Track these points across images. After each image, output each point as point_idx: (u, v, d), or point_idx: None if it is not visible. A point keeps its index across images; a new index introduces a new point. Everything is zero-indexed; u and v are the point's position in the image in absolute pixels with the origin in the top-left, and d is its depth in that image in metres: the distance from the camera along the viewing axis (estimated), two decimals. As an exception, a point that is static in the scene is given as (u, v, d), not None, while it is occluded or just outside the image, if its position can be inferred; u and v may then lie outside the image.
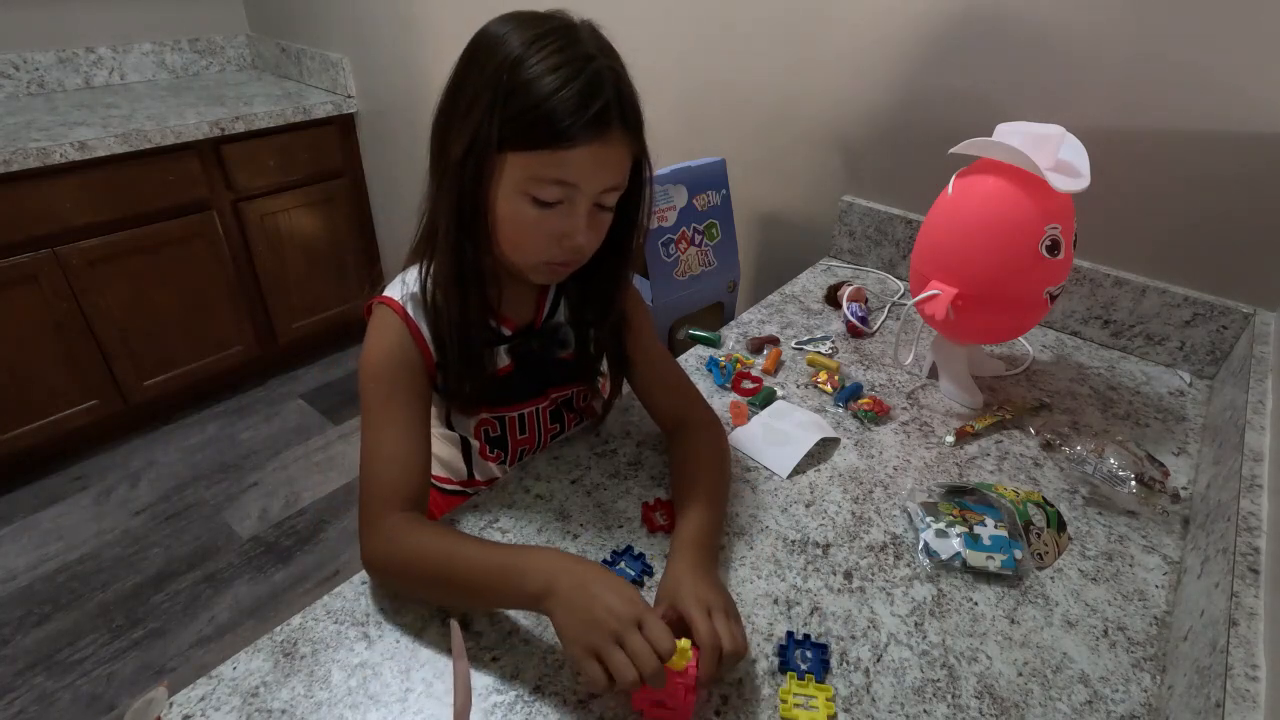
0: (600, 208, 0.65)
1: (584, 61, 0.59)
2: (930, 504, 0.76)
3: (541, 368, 0.79)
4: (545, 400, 0.82)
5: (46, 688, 1.47)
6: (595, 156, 0.60)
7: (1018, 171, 0.81)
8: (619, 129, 0.61)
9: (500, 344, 0.75)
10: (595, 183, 0.62)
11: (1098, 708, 0.58)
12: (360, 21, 2.06)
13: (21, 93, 2.10)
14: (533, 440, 0.84)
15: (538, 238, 0.65)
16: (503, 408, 0.80)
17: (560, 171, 0.61)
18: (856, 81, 1.21)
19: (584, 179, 0.62)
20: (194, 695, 0.56)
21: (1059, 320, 1.13)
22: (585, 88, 0.58)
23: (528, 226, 0.64)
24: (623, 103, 0.61)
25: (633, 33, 1.47)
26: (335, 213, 2.35)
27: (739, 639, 0.56)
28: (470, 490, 0.88)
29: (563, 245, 0.65)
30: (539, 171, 0.61)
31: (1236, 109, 0.90)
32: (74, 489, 1.97)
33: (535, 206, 0.62)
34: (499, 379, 0.76)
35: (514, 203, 0.63)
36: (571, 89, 0.58)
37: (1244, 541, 0.61)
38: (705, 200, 1.23)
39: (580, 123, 0.58)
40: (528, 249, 0.66)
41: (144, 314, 2.02)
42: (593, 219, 0.65)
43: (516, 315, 0.76)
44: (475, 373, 0.72)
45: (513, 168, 0.61)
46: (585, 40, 0.61)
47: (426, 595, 0.64)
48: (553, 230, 0.64)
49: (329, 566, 1.76)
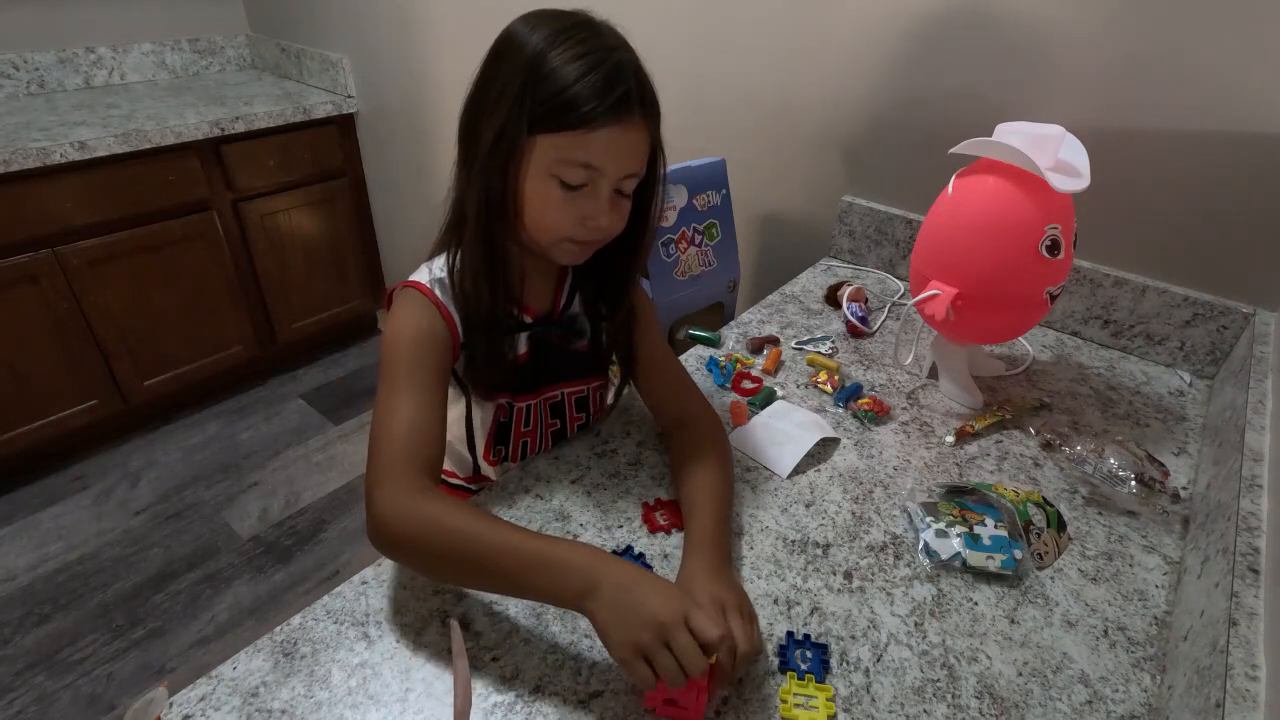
0: (620, 194, 0.68)
1: (606, 52, 0.63)
2: (930, 504, 0.76)
3: (557, 357, 0.81)
4: (554, 393, 0.83)
5: (46, 688, 1.47)
6: (617, 140, 0.64)
7: (1018, 171, 0.81)
8: (639, 115, 0.64)
9: (522, 330, 0.77)
10: (617, 166, 0.65)
11: (1098, 708, 0.58)
12: (360, 21, 2.06)
13: (21, 93, 2.10)
14: (535, 432, 0.84)
15: (564, 218, 0.67)
16: (519, 396, 0.81)
17: (585, 154, 0.63)
18: (856, 81, 1.21)
19: (606, 162, 0.64)
20: (194, 695, 0.56)
21: (1059, 320, 1.13)
22: (609, 74, 0.62)
23: (554, 207, 0.66)
24: (643, 91, 0.65)
25: (633, 33, 1.48)
26: (335, 213, 2.35)
27: (754, 639, 0.57)
28: (474, 488, 0.88)
29: (587, 226, 0.67)
30: (565, 154, 0.64)
31: (1236, 108, 0.90)
32: (74, 489, 1.97)
33: (562, 188, 0.65)
34: (517, 366, 0.78)
35: (542, 184, 0.66)
36: (596, 75, 0.61)
37: (1244, 541, 0.61)
38: (705, 200, 1.23)
39: (603, 106, 0.61)
40: (554, 228, 0.68)
41: (144, 314, 2.01)
42: (614, 203, 0.68)
43: (537, 304, 0.79)
44: (498, 357, 0.74)
45: (541, 151, 0.64)
46: (606, 34, 0.65)
47: (440, 570, 0.61)
48: (578, 211, 0.67)
49: (329, 566, 1.76)
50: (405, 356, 0.67)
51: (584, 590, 0.54)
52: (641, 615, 0.51)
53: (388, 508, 0.59)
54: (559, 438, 0.87)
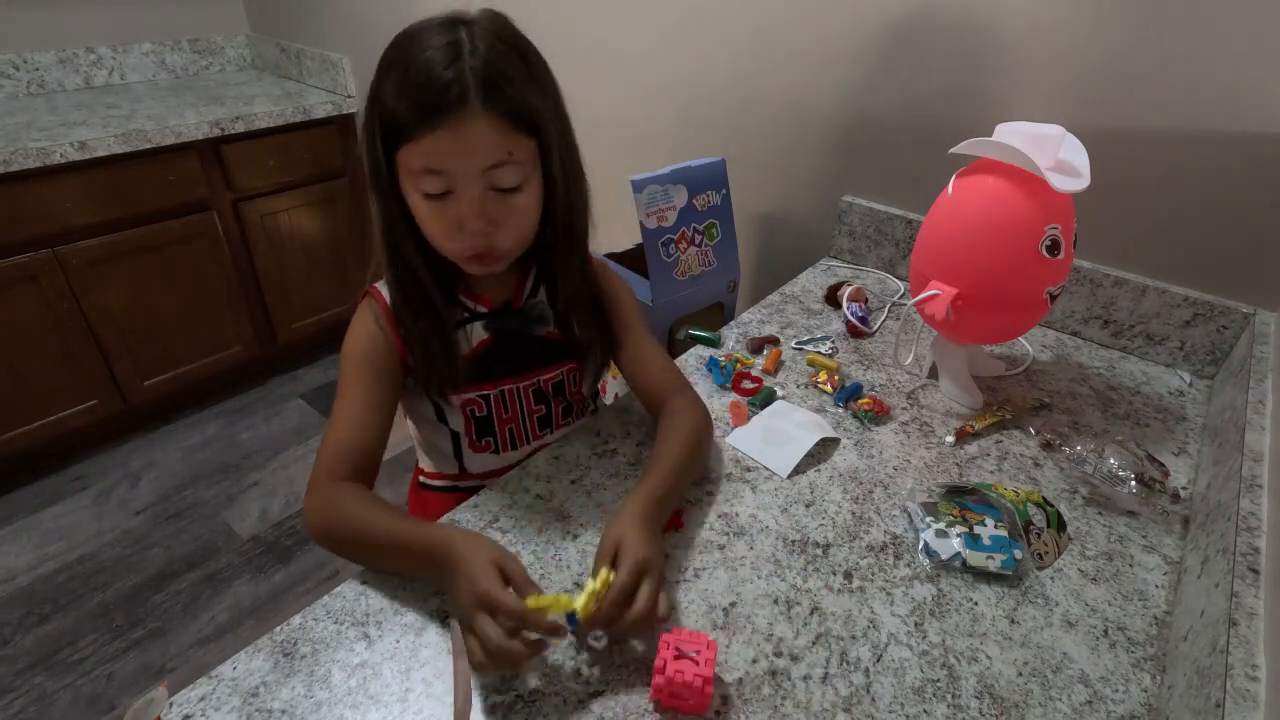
0: (498, 190, 0.66)
1: (421, 53, 0.61)
2: (930, 504, 0.76)
3: (523, 343, 0.81)
4: (529, 380, 0.83)
5: (46, 688, 1.47)
6: (449, 139, 0.61)
7: (1018, 171, 0.81)
8: (475, 103, 0.61)
9: (474, 321, 0.78)
10: (463, 164, 0.63)
11: (1098, 708, 0.58)
12: (360, 21, 2.06)
13: (21, 93, 2.10)
14: (517, 419, 0.84)
15: (439, 229, 0.68)
16: (485, 384, 0.81)
17: (422, 160, 0.63)
18: (856, 81, 1.21)
19: (447, 161, 0.63)
20: (194, 695, 0.57)
21: (1059, 320, 1.13)
22: (421, 78, 0.60)
23: (428, 220, 0.68)
24: (477, 79, 0.60)
25: (633, 33, 1.48)
26: (335, 213, 2.35)
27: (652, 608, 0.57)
28: (463, 486, 0.88)
29: (465, 232, 0.66)
30: (409, 165, 0.64)
31: (1236, 108, 0.90)
32: (74, 489, 1.97)
33: (426, 200, 0.65)
34: (479, 354, 0.79)
35: (413, 200, 0.67)
36: (409, 80, 0.61)
37: (1244, 541, 0.61)
38: (705, 200, 1.23)
39: (419, 111, 0.60)
40: (440, 242, 0.69)
41: (144, 314, 2.02)
42: (492, 202, 0.66)
43: (493, 294, 0.79)
44: (447, 350, 0.75)
45: (400, 170, 0.65)
46: (439, 31, 0.62)
47: (359, 560, 0.68)
48: (449, 220, 0.66)
49: (329, 566, 1.76)
50: (351, 365, 0.75)
51: (437, 575, 0.61)
52: (459, 599, 0.57)
53: (311, 506, 0.68)
54: (545, 424, 0.87)
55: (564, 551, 0.70)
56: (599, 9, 1.51)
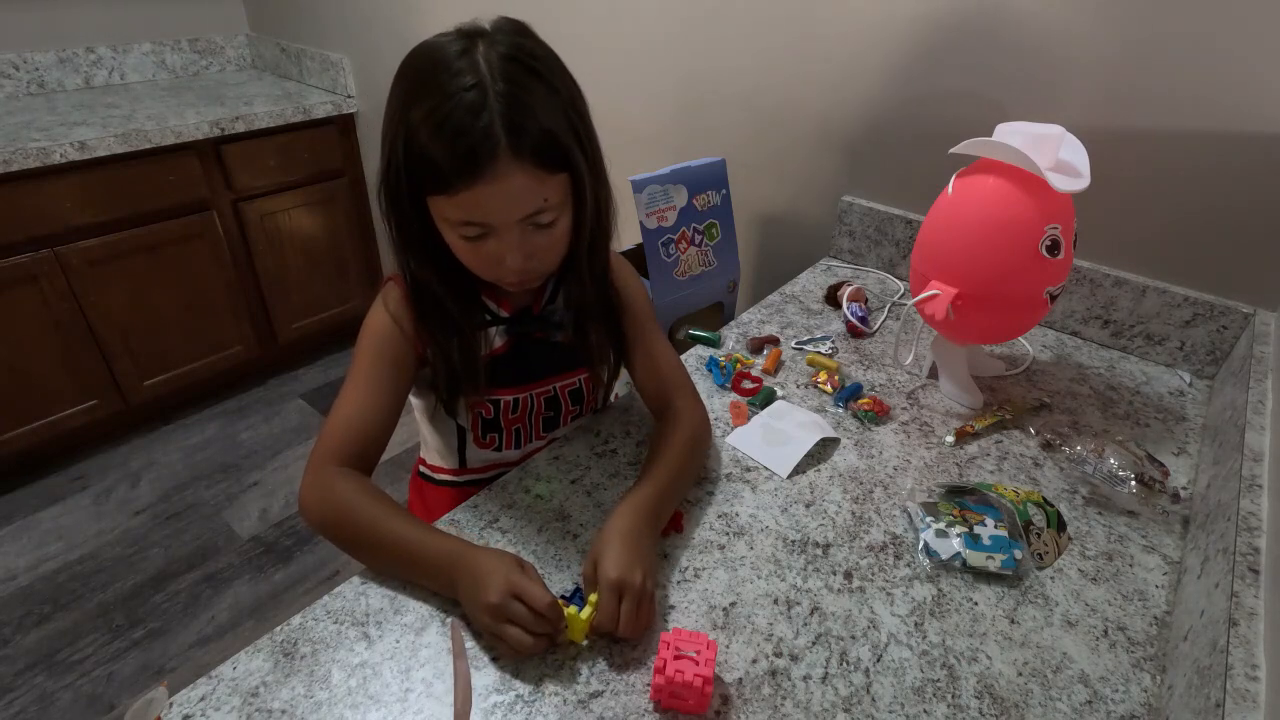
0: (537, 226, 0.65)
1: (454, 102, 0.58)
2: (930, 504, 0.76)
3: (539, 350, 0.81)
4: (544, 386, 0.83)
5: (46, 688, 1.47)
6: (487, 193, 0.60)
7: (1018, 171, 0.81)
8: (507, 159, 0.59)
9: (495, 325, 0.78)
10: (503, 215, 0.63)
11: (1098, 708, 0.58)
12: (360, 21, 2.06)
13: (21, 93, 2.10)
14: (525, 420, 0.84)
15: (478, 263, 0.68)
16: (498, 390, 0.80)
17: (463, 213, 0.62)
18: (856, 81, 1.21)
19: (488, 215, 0.62)
20: (194, 695, 0.56)
21: (1059, 320, 1.13)
22: (455, 132, 0.58)
23: (466, 255, 0.67)
24: (511, 130, 0.58)
25: (633, 33, 1.48)
26: (335, 213, 2.35)
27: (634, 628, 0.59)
28: (462, 480, 0.88)
29: (503, 267, 0.66)
30: (448, 214, 0.63)
31: (1237, 108, 0.90)
32: (74, 489, 1.97)
33: (465, 240, 0.65)
34: (494, 359, 0.78)
35: (450, 236, 0.66)
36: (443, 136, 0.58)
37: (1244, 541, 0.61)
38: (705, 200, 1.23)
39: (459, 169, 0.59)
40: (479, 272, 0.69)
41: (144, 314, 2.01)
42: (532, 237, 0.65)
43: (514, 300, 0.79)
44: (466, 352, 0.75)
45: (434, 209, 0.65)
46: (467, 68, 0.59)
47: (353, 554, 0.66)
48: (487, 256, 0.66)
49: (329, 566, 1.76)
50: (366, 350, 0.73)
51: (447, 583, 0.62)
52: (479, 602, 0.57)
53: (308, 490, 0.66)
54: (552, 425, 0.87)
55: (564, 551, 0.70)
56: (599, 9, 1.51)
